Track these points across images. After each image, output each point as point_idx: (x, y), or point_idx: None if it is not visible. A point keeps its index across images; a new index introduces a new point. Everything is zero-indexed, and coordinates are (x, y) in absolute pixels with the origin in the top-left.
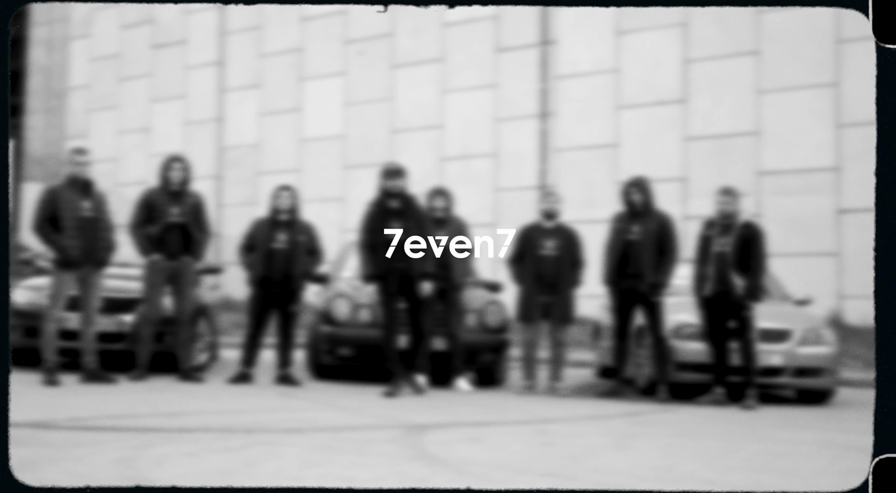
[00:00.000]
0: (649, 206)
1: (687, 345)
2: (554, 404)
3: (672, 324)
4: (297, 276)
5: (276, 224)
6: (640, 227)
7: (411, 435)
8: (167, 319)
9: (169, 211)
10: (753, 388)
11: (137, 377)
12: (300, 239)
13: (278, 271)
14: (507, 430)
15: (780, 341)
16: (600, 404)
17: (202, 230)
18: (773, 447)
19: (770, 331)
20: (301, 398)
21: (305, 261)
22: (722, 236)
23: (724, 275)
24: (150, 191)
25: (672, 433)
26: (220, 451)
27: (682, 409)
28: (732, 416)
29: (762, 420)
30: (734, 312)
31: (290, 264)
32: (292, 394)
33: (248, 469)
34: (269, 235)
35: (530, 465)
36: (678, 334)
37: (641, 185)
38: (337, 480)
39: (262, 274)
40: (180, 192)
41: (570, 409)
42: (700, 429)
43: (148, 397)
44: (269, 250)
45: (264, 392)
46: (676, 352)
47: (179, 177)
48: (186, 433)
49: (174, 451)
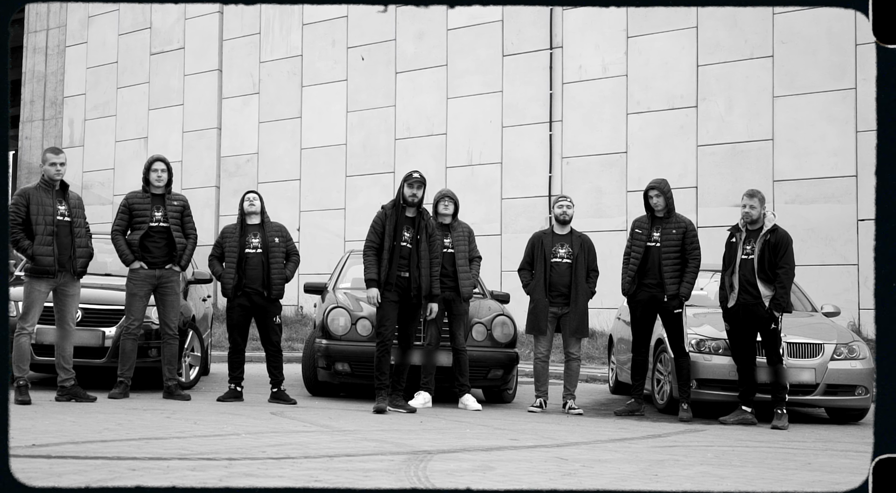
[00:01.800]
0: (671, 210)
1: (710, 360)
2: (569, 424)
3: (694, 337)
4: (276, 281)
5: (247, 228)
6: (660, 232)
7: (414, 463)
8: (151, 332)
9: (152, 215)
10: (783, 406)
11: (118, 396)
12: (274, 240)
13: (254, 277)
14: (522, 456)
15: (811, 355)
16: (619, 424)
17: (188, 236)
18: (824, 476)
19: (800, 345)
20: (293, 418)
21: (283, 264)
22: (747, 243)
23: (751, 284)
24: (131, 194)
25: (704, 459)
26: (194, 482)
27: (708, 430)
28: (764, 437)
29: (798, 442)
30: (761, 324)
31: (267, 269)
32: (285, 413)
33: None
34: (241, 241)
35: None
36: (701, 349)
37: (662, 187)
38: None
39: (237, 282)
40: (164, 195)
41: (588, 431)
42: (734, 454)
43: (126, 417)
44: (241, 256)
45: (254, 412)
46: (699, 367)
47: (163, 179)
48: (159, 462)
49: (141, 483)
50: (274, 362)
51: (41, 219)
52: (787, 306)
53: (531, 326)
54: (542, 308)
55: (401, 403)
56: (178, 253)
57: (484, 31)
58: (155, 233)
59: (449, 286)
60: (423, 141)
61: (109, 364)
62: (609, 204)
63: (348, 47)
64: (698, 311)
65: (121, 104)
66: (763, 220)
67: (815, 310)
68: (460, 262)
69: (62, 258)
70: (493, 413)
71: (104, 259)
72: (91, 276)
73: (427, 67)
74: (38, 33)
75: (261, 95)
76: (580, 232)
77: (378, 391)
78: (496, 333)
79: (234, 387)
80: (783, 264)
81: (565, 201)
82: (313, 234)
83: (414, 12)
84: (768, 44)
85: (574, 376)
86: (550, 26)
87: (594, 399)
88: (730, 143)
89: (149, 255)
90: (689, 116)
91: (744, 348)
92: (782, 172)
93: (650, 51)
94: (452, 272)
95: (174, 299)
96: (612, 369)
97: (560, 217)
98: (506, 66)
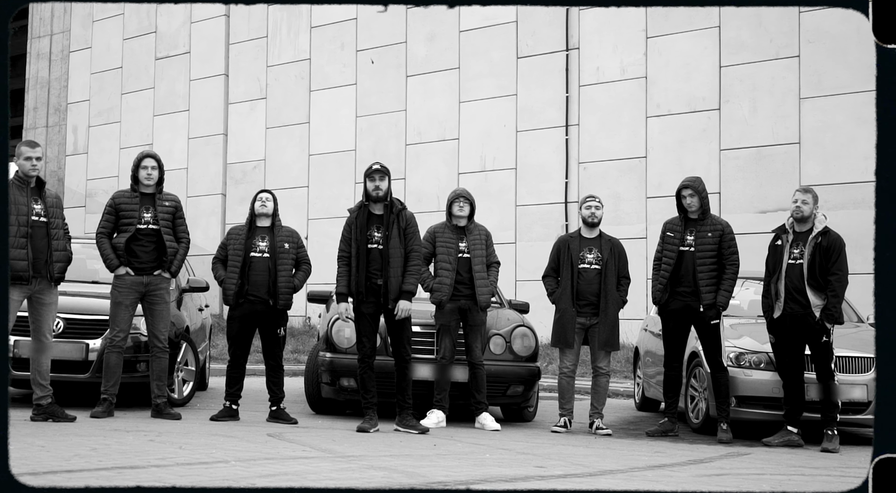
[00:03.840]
0: (706, 211)
1: (751, 375)
2: (598, 448)
3: (733, 350)
4: (283, 290)
5: (255, 231)
6: (694, 236)
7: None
8: (140, 344)
9: (140, 216)
10: (835, 427)
11: (101, 414)
12: (283, 246)
13: (258, 284)
14: (551, 486)
15: (863, 370)
16: (653, 446)
17: (180, 240)
18: None
19: (850, 359)
20: (292, 441)
21: (291, 272)
22: (795, 246)
23: (799, 292)
24: (118, 193)
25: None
26: None
27: (752, 453)
28: (819, 463)
29: (856, 468)
30: (811, 336)
31: (273, 276)
32: (283, 435)
33: None
34: (247, 244)
35: None
36: (740, 363)
37: (696, 186)
38: None
39: (240, 288)
40: (154, 194)
41: (621, 456)
42: (792, 484)
43: (104, 441)
44: (246, 260)
45: (249, 433)
46: (738, 383)
47: (153, 176)
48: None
49: (140, 483)
50: (274, 377)
51: (14, 219)
52: (840, 316)
53: (557, 338)
54: (568, 319)
55: (412, 422)
56: (169, 258)
57: (498, 33)
58: (143, 236)
59: (465, 294)
60: (434, 146)
61: (94, 379)
62: (628, 211)
63: (357, 50)
64: (735, 321)
65: (125, 110)
66: (814, 221)
67: (860, 320)
68: (477, 267)
69: (37, 263)
70: (514, 434)
71: (94, 266)
72: (77, 283)
73: (439, 70)
74: (42, 38)
75: (268, 99)
76: (610, 235)
77: (365, 411)
78: (516, 345)
79: (230, 405)
80: (836, 270)
81: (594, 201)
82: (321, 242)
83: (425, 13)
84: (794, 43)
85: (602, 394)
86: (566, 27)
87: (620, 417)
88: (754, 147)
89: (136, 260)
90: (712, 119)
91: (791, 362)
92: (809, 176)
93: (670, 51)
94: (468, 279)
95: (163, 308)
96: (637, 383)
97: (588, 219)
98: (520, 69)
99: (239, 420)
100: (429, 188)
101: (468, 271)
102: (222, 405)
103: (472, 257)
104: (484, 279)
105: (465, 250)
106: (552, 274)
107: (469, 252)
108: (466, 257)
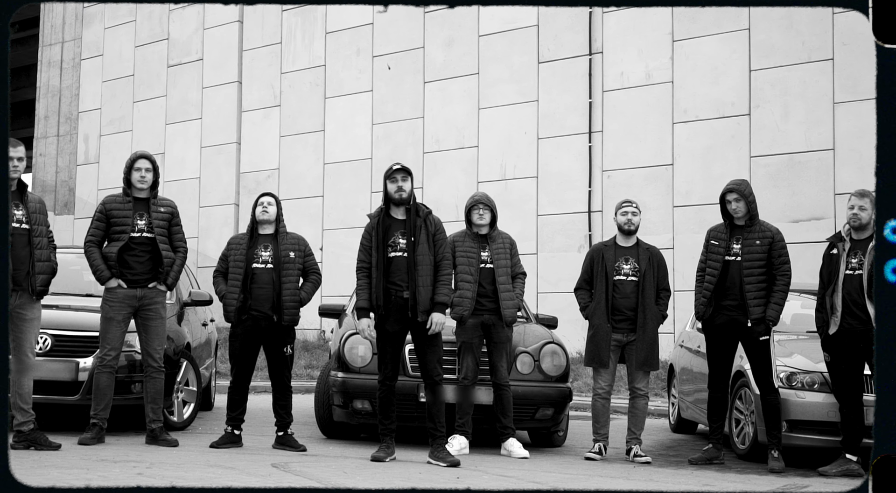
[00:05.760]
0: (753, 217)
1: (804, 397)
2: (639, 479)
3: (783, 370)
4: (288, 304)
5: (258, 239)
6: (741, 244)
7: None
8: (135, 363)
9: (133, 224)
10: None
11: (90, 441)
12: (288, 254)
13: (262, 298)
14: None
15: None
16: (699, 477)
17: (177, 249)
18: None
19: None
20: (299, 473)
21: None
22: (852, 255)
23: (857, 305)
24: (109, 198)
25: None
26: None
27: (811, 485)
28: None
29: None
30: (870, 354)
31: (278, 289)
32: (289, 465)
33: None
34: (248, 254)
35: None
36: (792, 383)
37: (743, 190)
38: None
39: (242, 303)
40: (148, 199)
41: (665, 487)
42: None
43: (85, 475)
44: (248, 271)
45: (252, 464)
46: (790, 406)
47: (147, 180)
48: None
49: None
50: (282, 400)
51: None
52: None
53: (591, 357)
54: (603, 335)
55: (443, 454)
56: (164, 269)
57: (518, 37)
58: (137, 245)
59: (488, 308)
60: (453, 154)
61: (84, 402)
62: (654, 220)
63: (374, 56)
64: (784, 337)
65: (137, 119)
66: (873, 226)
67: None
68: (501, 279)
69: (18, 275)
70: (544, 462)
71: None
72: (67, 296)
73: (457, 76)
74: (53, 46)
75: (282, 107)
76: (648, 244)
77: (382, 438)
78: (545, 364)
79: (232, 430)
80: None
81: (630, 207)
82: (336, 253)
83: (443, 18)
84: (828, 46)
85: (641, 417)
86: (590, 30)
87: (655, 440)
88: (786, 153)
89: (129, 271)
90: (741, 124)
91: (849, 383)
92: (844, 184)
93: (698, 55)
94: (492, 291)
95: (159, 324)
96: (673, 403)
97: (624, 226)
98: (542, 74)
99: (242, 446)
100: (447, 198)
101: (491, 283)
102: (224, 430)
103: (496, 267)
104: (509, 291)
105: (488, 259)
106: (585, 287)
107: (492, 262)
108: (489, 267)
